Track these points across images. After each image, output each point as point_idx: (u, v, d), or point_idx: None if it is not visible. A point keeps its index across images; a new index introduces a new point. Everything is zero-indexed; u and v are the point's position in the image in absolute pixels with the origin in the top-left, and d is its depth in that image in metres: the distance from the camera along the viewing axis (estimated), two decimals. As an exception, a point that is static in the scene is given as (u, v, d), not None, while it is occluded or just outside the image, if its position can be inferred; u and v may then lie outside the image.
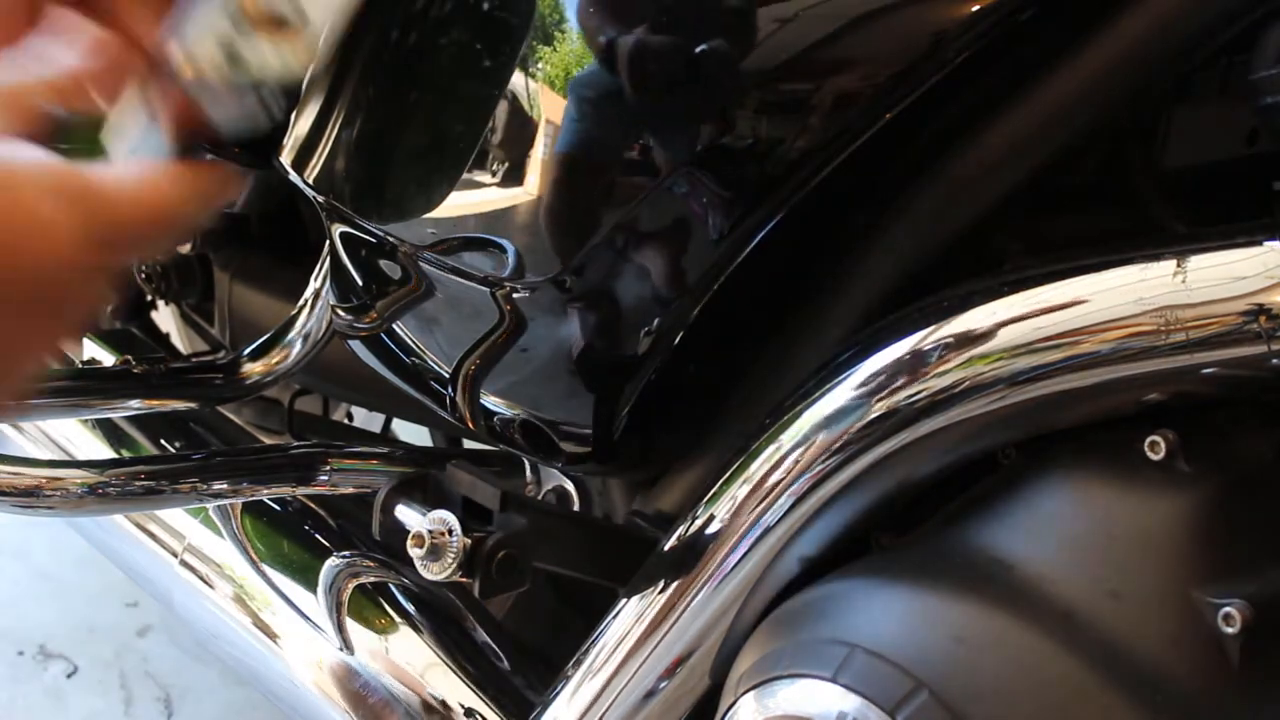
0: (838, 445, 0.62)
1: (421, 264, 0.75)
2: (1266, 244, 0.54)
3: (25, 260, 0.42)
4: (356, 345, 0.86)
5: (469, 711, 0.89)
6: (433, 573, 0.70)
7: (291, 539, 1.01)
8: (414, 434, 1.49)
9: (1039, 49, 0.63)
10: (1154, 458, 0.59)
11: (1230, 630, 0.55)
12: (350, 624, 0.93)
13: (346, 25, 0.79)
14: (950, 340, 0.60)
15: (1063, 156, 0.65)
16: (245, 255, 1.27)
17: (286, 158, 0.82)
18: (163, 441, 1.10)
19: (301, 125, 0.81)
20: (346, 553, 0.94)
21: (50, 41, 0.50)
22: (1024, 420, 0.60)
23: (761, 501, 0.65)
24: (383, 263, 0.79)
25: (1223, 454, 0.60)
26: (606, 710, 0.71)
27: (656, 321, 0.70)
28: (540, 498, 0.93)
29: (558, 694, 0.74)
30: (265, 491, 0.86)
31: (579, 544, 0.76)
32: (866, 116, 0.63)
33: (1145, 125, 0.69)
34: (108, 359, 1.08)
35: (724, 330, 0.72)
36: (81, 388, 0.95)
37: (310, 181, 0.79)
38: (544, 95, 0.67)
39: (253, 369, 1.00)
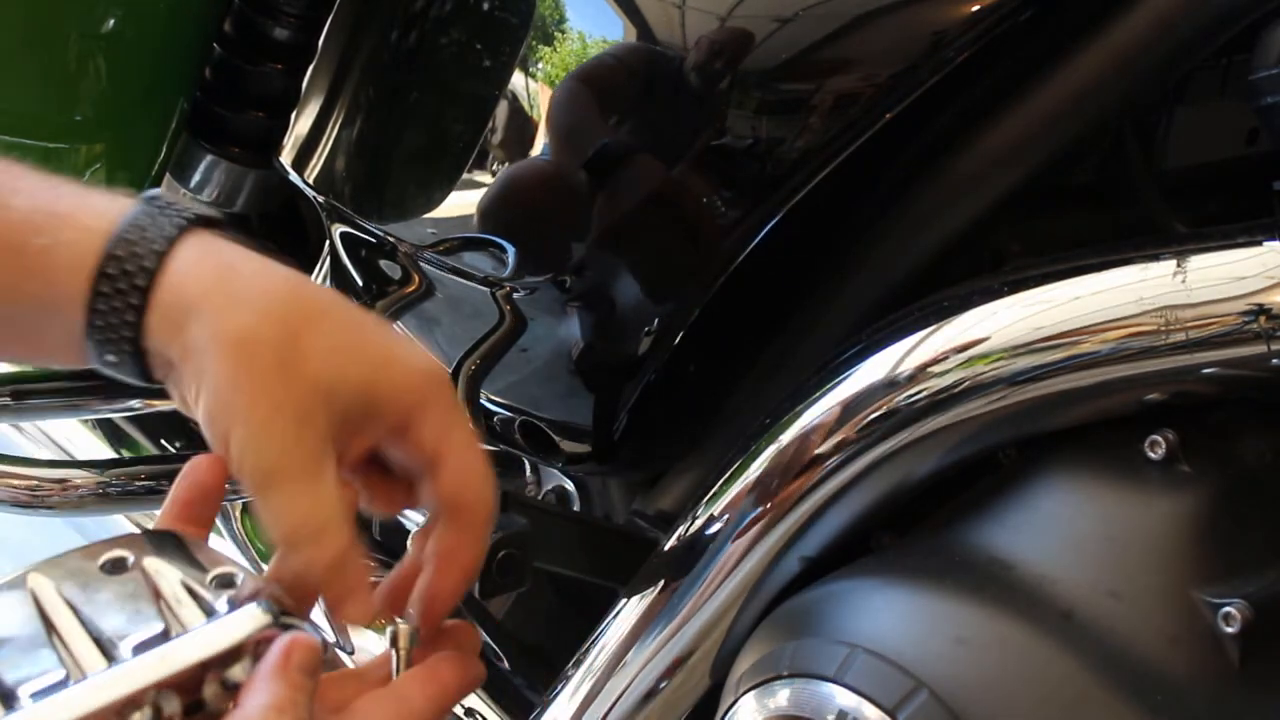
0: (838, 445, 0.62)
1: (421, 264, 0.75)
2: (1266, 244, 0.54)
3: None
4: (356, 345, 0.86)
5: (469, 711, 0.89)
6: (433, 573, 0.70)
7: (292, 539, 1.01)
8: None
9: (1039, 49, 0.63)
10: (1154, 458, 0.59)
11: (1230, 630, 0.55)
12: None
13: (346, 25, 0.79)
14: (950, 340, 0.60)
15: (1063, 156, 0.65)
16: (245, 255, 1.27)
17: (286, 158, 0.82)
18: (163, 441, 1.10)
19: (301, 125, 0.81)
20: (346, 553, 0.94)
21: None
22: (1025, 420, 0.60)
23: (761, 501, 0.65)
24: (383, 263, 0.79)
25: (1223, 454, 0.60)
26: (607, 710, 0.71)
27: (656, 321, 0.70)
28: (540, 498, 0.93)
29: (558, 694, 0.74)
30: (265, 491, 0.86)
31: (579, 544, 0.76)
32: (866, 116, 0.63)
33: (1145, 125, 0.69)
34: (108, 359, 1.08)
35: (724, 330, 0.72)
36: (81, 388, 0.95)
37: (310, 181, 0.79)
38: (544, 95, 0.67)
39: (253, 369, 0.99)
